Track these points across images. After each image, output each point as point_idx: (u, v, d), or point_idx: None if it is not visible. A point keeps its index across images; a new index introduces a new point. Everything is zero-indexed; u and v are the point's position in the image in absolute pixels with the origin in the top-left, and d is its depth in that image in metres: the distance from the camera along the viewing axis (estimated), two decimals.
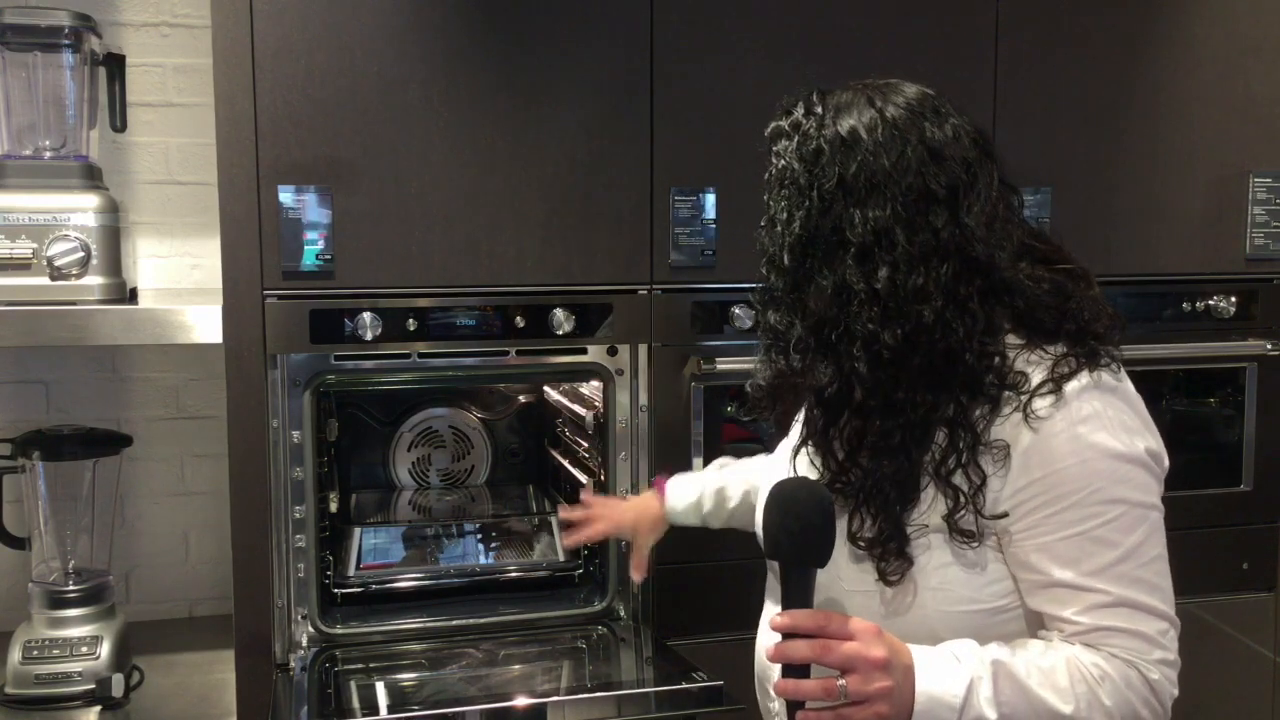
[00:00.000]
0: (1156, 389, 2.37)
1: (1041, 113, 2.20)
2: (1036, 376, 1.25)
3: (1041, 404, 1.23)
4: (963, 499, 1.24)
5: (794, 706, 1.20)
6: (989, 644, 1.22)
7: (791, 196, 1.28)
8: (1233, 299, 2.33)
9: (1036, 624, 1.28)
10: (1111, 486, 1.22)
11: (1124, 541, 1.22)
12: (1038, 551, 1.23)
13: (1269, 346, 2.34)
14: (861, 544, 1.28)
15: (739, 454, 2.10)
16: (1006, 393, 1.24)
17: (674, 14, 2.01)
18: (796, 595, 1.21)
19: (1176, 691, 1.25)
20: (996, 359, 1.25)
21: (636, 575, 1.92)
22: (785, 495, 1.23)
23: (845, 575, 1.30)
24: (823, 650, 1.16)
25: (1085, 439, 1.22)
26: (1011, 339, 1.28)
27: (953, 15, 2.14)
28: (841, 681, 1.15)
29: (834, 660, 1.16)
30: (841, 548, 1.27)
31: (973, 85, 2.15)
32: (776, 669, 1.37)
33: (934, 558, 1.27)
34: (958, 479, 1.24)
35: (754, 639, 1.50)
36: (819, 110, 1.30)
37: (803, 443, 1.38)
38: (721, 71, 2.04)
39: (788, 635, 1.18)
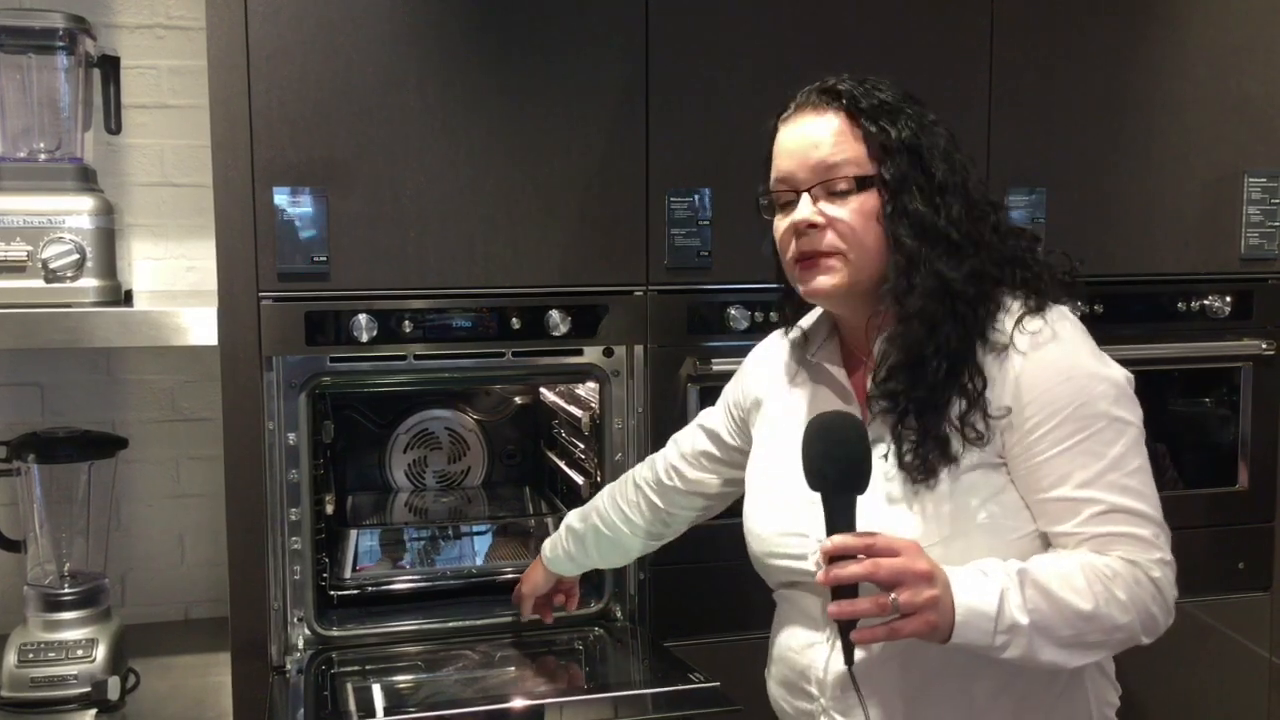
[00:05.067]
0: (1152, 389, 2.37)
1: (1036, 114, 2.20)
2: (1015, 310, 1.40)
3: (1028, 329, 1.37)
4: (972, 396, 1.36)
5: (846, 628, 1.26)
6: (1008, 559, 1.30)
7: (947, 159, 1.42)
8: (1228, 299, 2.34)
9: (1045, 544, 1.39)
10: (1095, 401, 1.34)
11: (1107, 453, 1.34)
12: (1036, 471, 1.35)
13: (1264, 346, 2.34)
14: (908, 450, 1.37)
15: None
16: (995, 325, 1.39)
17: (670, 15, 2.01)
18: (842, 521, 1.26)
19: (1176, 592, 1.35)
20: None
21: (546, 618, 2.01)
22: (825, 426, 1.29)
23: (892, 529, 1.34)
24: (873, 568, 1.21)
25: (1069, 359, 1.36)
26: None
27: (948, 17, 2.14)
28: (892, 596, 1.21)
29: (883, 576, 1.21)
30: (893, 507, 1.37)
31: (968, 87, 2.15)
32: (818, 665, 1.45)
33: (974, 500, 1.36)
34: (968, 382, 1.37)
35: (754, 639, 1.50)
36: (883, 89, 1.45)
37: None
38: (717, 73, 2.04)
39: (833, 560, 1.23)
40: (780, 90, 2.06)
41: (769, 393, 1.64)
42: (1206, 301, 2.33)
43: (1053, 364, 1.35)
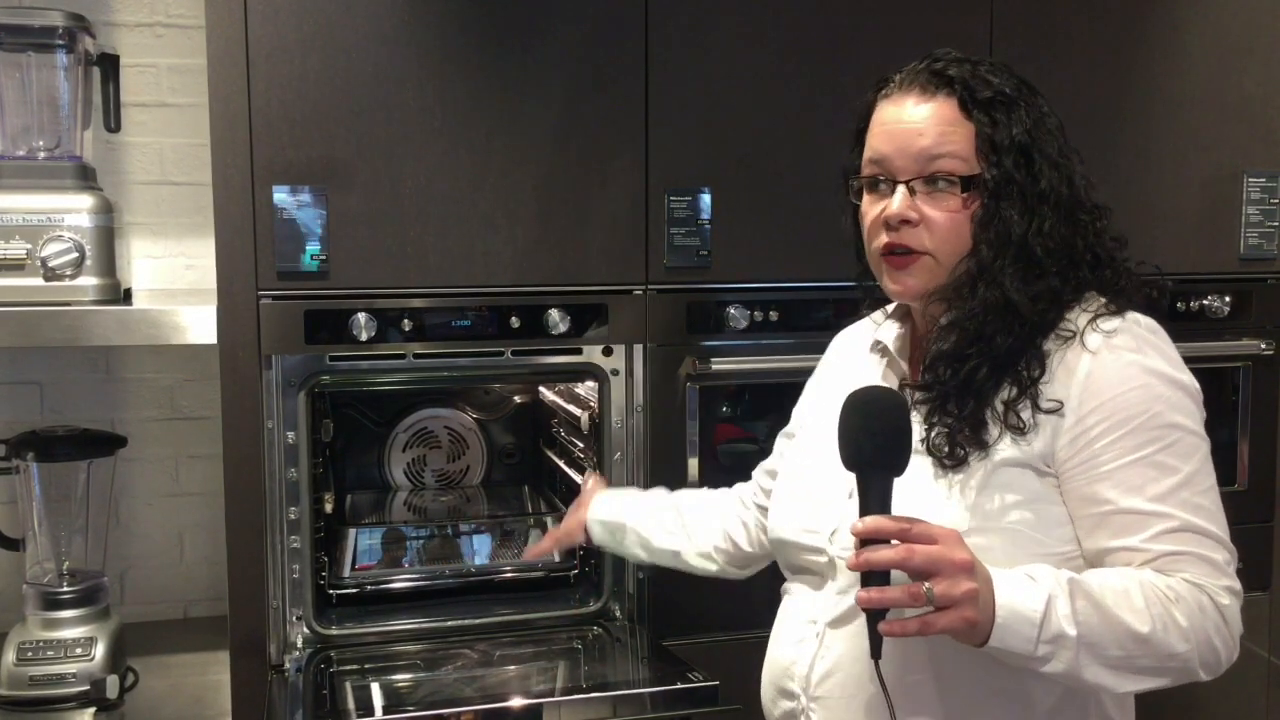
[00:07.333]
0: None
1: None
2: (1091, 307, 1.32)
3: (1102, 328, 1.29)
4: (1024, 384, 1.28)
5: (875, 619, 1.15)
6: (1060, 569, 1.22)
7: (1056, 165, 1.36)
8: (1227, 299, 2.34)
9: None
10: (1169, 412, 1.25)
11: (1183, 468, 1.25)
12: (1100, 481, 1.25)
13: (1263, 346, 2.34)
14: (939, 434, 1.29)
15: (731, 454, 2.11)
16: (1065, 320, 1.31)
17: (670, 14, 2.01)
18: (876, 502, 1.17)
19: (1242, 627, 1.28)
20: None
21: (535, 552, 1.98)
22: (866, 400, 1.21)
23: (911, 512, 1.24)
24: (907, 554, 1.12)
25: (1144, 364, 1.27)
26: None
27: (946, 17, 2.14)
28: (927, 585, 1.12)
29: (918, 564, 1.12)
30: (918, 490, 1.28)
31: None
32: (803, 661, 1.39)
33: (1006, 497, 1.27)
34: (1023, 369, 1.29)
35: (753, 638, 1.49)
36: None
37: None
38: (716, 72, 2.04)
39: (865, 543, 1.14)
40: (780, 90, 2.08)
41: (830, 372, 1.59)
42: (1206, 301, 2.34)
43: (1126, 367, 1.26)
